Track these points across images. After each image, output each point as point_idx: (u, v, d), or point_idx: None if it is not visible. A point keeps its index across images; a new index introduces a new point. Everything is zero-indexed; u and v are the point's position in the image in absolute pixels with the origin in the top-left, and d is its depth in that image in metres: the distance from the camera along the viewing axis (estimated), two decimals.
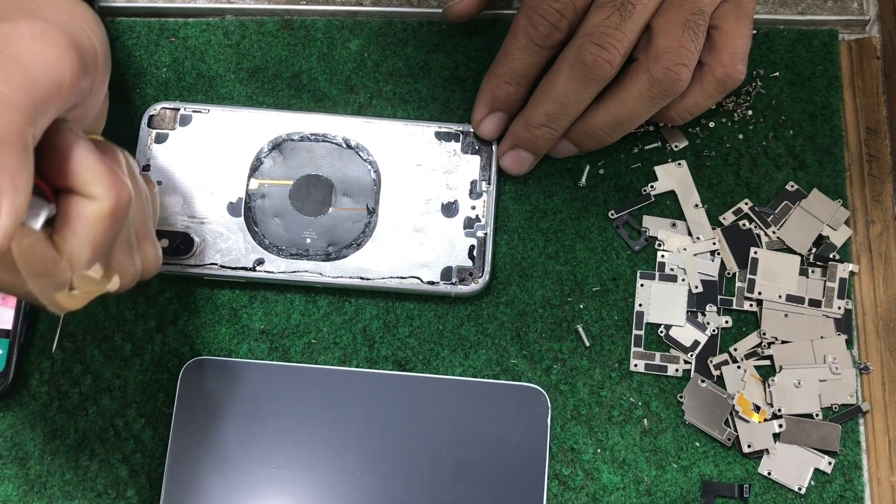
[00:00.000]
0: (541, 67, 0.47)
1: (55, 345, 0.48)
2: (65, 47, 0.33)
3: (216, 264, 0.48)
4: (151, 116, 0.49)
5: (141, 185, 0.40)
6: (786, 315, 0.48)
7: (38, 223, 0.32)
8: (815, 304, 0.48)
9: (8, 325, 0.47)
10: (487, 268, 0.47)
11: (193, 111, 0.50)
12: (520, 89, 0.47)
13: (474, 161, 0.49)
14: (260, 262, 0.48)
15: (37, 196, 0.33)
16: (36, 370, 0.47)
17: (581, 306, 0.49)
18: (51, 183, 0.34)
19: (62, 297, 0.33)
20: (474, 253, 0.48)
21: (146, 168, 0.49)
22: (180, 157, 0.49)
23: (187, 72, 0.52)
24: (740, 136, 0.51)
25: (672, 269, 0.49)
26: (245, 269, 0.48)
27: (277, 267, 0.47)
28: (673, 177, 0.50)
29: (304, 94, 0.51)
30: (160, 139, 0.49)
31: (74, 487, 0.46)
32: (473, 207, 0.48)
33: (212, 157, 0.49)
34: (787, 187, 0.50)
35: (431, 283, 0.47)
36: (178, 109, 0.50)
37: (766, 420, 0.47)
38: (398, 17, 0.53)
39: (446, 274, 0.47)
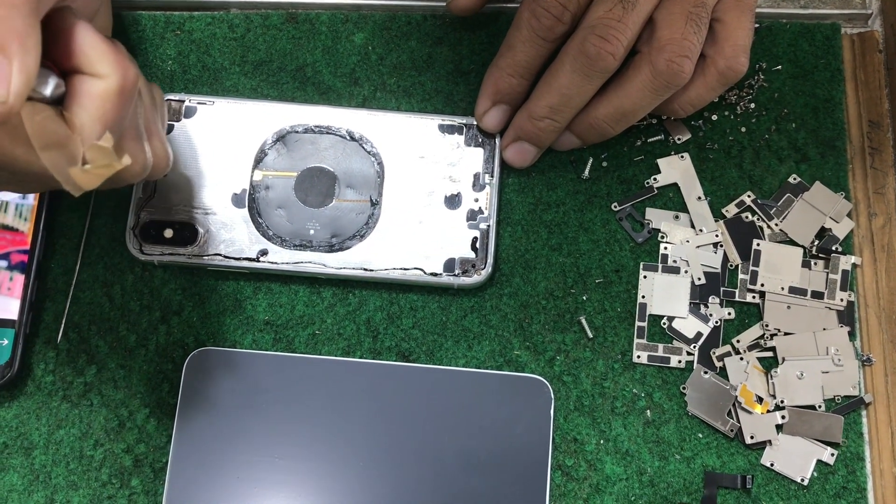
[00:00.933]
0: (544, 60, 0.47)
1: (60, 335, 0.48)
2: None
3: (220, 255, 0.48)
4: None
5: (146, 82, 0.41)
6: (788, 307, 0.48)
7: (48, 90, 0.33)
8: (817, 295, 0.48)
9: (13, 315, 0.47)
10: (490, 259, 0.47)
11: (198, 103, 0.50)
12: (523, 81, 0.47)
13: (477, 153, 0.49)
14: (264, 252, 0.48)
15: (45, 68, 0.33)
16: (41, 360, 0.48)
17: (584, 298, 0.49)
18: (59, 67, 0.35)
19: (76, 173, 0.33)
20: (477, 244, 0.48)
21: None
22: (185, 148, 0.49)
23: (192, 65, 0.52)
24: (743, 129, 0.51)
25: (675, 261, 0.49)
26: (249, 259, 0.48)
27: (281, 258, 0.48)
28: (676, 169, 0.51)
29: (308, 86, 0.52)
30: (165, 131, 0.49)
31: (79, 477, 0.46)
32: (476, 199, 0.48)
33: (216, 149, 0.49)
34: (790, 180, 0.50)
35: (434, 274, 0.47)
36: (183, 101, 0.50)
37: (768, 411, 0.47)
38: (402, 11, 0.53)
39: (449, 265, 0.48)
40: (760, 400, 0.47)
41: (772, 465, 0.46)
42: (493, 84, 0.48)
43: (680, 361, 0.48)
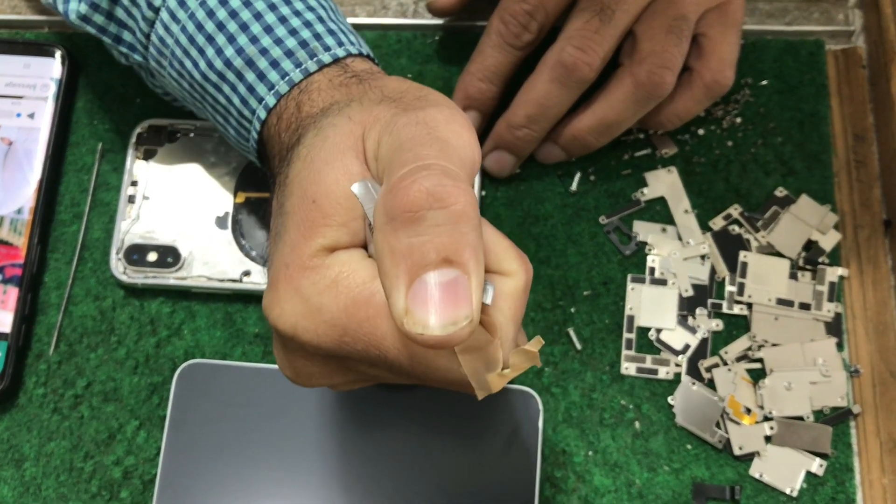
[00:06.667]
0: (512, 67, 0.48)
1: (52, 348, 0.48)
2: (468, 128, 0.32)
3: (204, 276, 0.48)
4: (139, 134, 0.50)
5: None
6: (776, 318, 0.48)
7: (488, 299, 0.31)
8: (804, 307, 0.49)
9: (6, 328, 0.47)
10: None
11: (181, 128, 0.51)
12: (492, 87, 0.48)
13: None
14: (246, 273, 0.48)
15: None
16: (33, 373, 0.48)
17: (572, 310, 0.49)
18: None
19: (493, 378, 0.31)
20: None
21: (134, 184, 0.50)
22: (168, 172, 0.50)
23: None
24: (729, 143, 0.52)
25: (662, 274, 0.49)
26: (232, 280, 0.48)
27: (264, 278, 0.48)
28: (663, 183, 0.51)
29: None
30: (148, 155, 0.50)
31: (69, 489, 0.46)
32: None
33: (199, 173, 0.50)
34: (777, 193, 0.51)
35: None
36: (166, 127, 0.51)
37: (757, 422, 0.47)
38: (393, 29, 0.54)
39: None
40: (749, 411, 0.47)
41: (761, 476, 0.46)
42: (464, 89, 0.49)
43: (668, 373, 0.48)
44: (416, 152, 0.29)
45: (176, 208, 0.49)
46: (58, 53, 0.52)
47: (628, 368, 0.48)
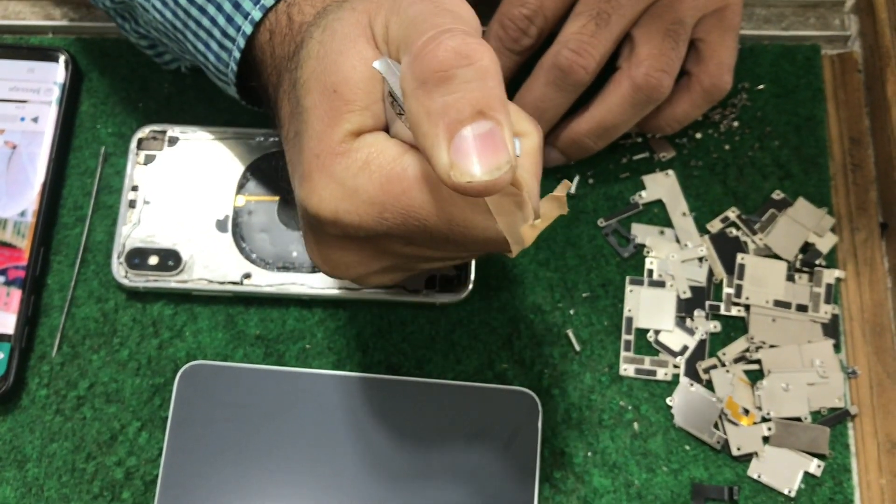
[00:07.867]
0: (511, 72, 0.48)
1: (55, 349, 0.49)
2: (466, 2, 0.33)
3: (204, 279, 0.49)
4: (140, 139, 0.51)
5: None
6: (773, 320, 0.49)
7: (518, 151, 0.32)
8: (802, 309, 0.49)
9: (10, 330, 0.48)
10: (471, 276, 0.48)
11: (181, 133, 0.51)
12: None
13: None
14: (247, 276, 0.49)
15: None
16: (36, 374, 0.48)
17: (571, 312, 0.49)
18: None
19: (526, 230, 0.33)
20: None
21: (135, 189, 0.50)
22: (168, 176, 0.50)
23: (189, 86, 0.53)
24: (727, 147, 0.52)
25: (660, 276, 0.50)
26: (233, 283, 0.48)
27: (265, 280, 0.48)
28: (661, 186, 0.52)
29: None
30: (148, 160, 0.51)
31: (71, 490, 0.47)
32: None
33: (199, 176, 0.50)
34: (774, 196, 0.51)
35: (415, 291, 0.48)
36: (166, 132, 0.51)
37: (755, 423, 0.47)
38: None
39: (430, 282, 0.48)
40: (747, 412, 0.47)
41: (759, 476, 0.46)
42: None
43: (666, 374, 0.48)
44: (432, 22, 0.30)
45: (176, 212, 0.50)
46: (61, 58, 0.52)
47: (627, 370, 0.48)
